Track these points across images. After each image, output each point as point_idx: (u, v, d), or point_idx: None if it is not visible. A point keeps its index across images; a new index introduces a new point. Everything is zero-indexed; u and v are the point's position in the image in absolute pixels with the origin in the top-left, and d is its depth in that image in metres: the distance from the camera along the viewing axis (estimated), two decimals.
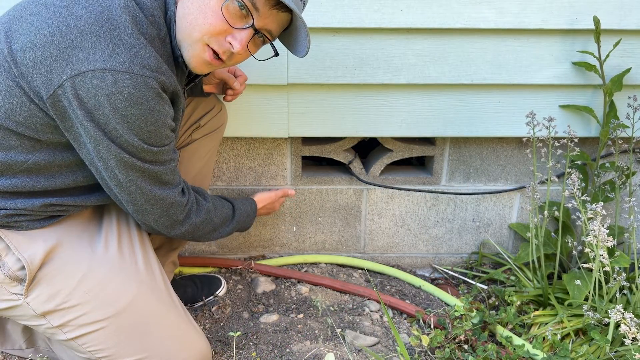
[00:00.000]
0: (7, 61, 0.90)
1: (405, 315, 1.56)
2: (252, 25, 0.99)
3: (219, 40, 0.99)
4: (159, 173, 1.03)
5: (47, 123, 0.95)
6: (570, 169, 1.48)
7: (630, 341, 1.08)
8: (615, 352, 1.28)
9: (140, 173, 1.00)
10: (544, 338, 1.38)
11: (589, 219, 1.30)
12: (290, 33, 1.09)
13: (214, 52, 1.01)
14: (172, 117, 1.01)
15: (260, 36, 1.04)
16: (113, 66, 0.88)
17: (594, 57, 1.46)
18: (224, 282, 1.64)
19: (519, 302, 1.49)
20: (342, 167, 1.79)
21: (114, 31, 0.89)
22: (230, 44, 0.99)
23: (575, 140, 1.47)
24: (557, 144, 1.49)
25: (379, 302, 1.59)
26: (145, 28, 0.94)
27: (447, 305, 1.59)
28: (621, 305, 1.15)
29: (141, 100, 0.91)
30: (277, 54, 1.09)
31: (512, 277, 1.64)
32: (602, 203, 1.27)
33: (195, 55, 1.01)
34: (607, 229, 1.26)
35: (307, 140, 1.73)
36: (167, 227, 1.13)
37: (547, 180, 1.47)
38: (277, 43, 1.10)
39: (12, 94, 0.92)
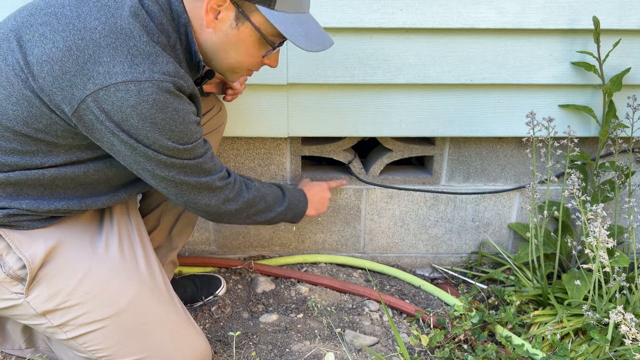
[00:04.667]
0: (23, 72, 0.91)
1: (404, 315, 1.56)
2: (279, 45, 1.09)
3: (257, 66, 1.14)
4: (199, 165, 1.05)
5: (68, 130, 0.95)
6: (570, 169, 1.48)
7: (631, 342, 1.08)
8: (615, 351, 1.28)
9: (181, 169, 1.02)
10: (543, 338, 1.38)
11: (588, 219, 1.31)
12: None
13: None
14: (194, 112, 1.02)
15: None
16: (135, 77, 0.89)
17: (594, 57, 1.46)
18: (223, 281, 1.64)
19: (518, 302, 1.49)
20: (341, 167, 1.79)
21: (130, 41, 0.90)
22: (269, 65, 1.13)
23: (575, 140, 1.48)
24: (556, 144, 1.49)
25: (378, 302, 1.60)
26: (157, 37, 0.95)
27: (447, 305, 1.59)
28: (621, 305, 1.15)
29: (166, 104, 0.92)
30: (285, 39, 1.11)
31: (512, 277, 1.64)
32: (602, 204, 1.27)
33: (238, 77, 1.16)
34: (607, 230, 1.26)
35: (307, 140, 1.74)
36: (219, 206, 1.14)
37: (546, 180, 1.47)
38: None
39: (30, 103, 0.92)
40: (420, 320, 1.50)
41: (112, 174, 1.07)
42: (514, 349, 1.33)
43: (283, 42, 1.08)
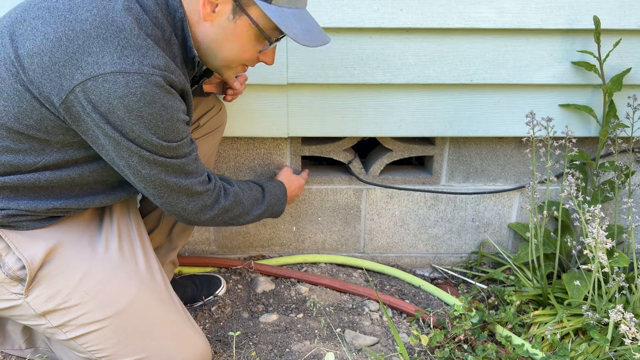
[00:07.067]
0: (14, 66, 0.91)
1: (404, 315, 1.56)
2: (276, 40, 1.08)
3: (253, 62, 1.13)
4: (181, 165, 1.04)
5: (58, 125, 0.95)
6: (569, 169, 1.48)
7: (630, 341, 1.08)
8: (615, 351, 1.28)
9: (163, 167, 1.01)
10: (543, 337, 1.38)
11: (587, 220, 1.31)
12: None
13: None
14: (184, 111, 1.02)
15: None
16: (123, 68, 0.88)
17: (594, 56, 1.46)
18: (223, 281, 1.64)
19: (518, 302, 1.49)
20: (341, 167, 1.79)
21: (121, 33, 0.90)
22: (264, 62, 1.13)
23: (574, 140, 1.48)
24: (555, 143, 1.49)
25: (378, 302, 1.60)
26: (150, 30, 0.95)
27: (447, 304, 1.60)
28: (621, 305, 1.15)
29: (154, 98, 0.92)
30: (283, 35, 1.11)
31: (512, 277, 1.64)
32: (600, 205, 1.27)
33: (233, 74, 1.18)
34: (606, 231, 1.26)
35: (307, 140, 1.73)
36: (196, 213, 1.12)
37: (546, 180, 1.47)
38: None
39: (21, 98, 0.92)
40: (420, 320, 1.50)
41: (107, 174, 1.07)
42: (514, 349, 1.33)
43: (280, 38, 1.08)
